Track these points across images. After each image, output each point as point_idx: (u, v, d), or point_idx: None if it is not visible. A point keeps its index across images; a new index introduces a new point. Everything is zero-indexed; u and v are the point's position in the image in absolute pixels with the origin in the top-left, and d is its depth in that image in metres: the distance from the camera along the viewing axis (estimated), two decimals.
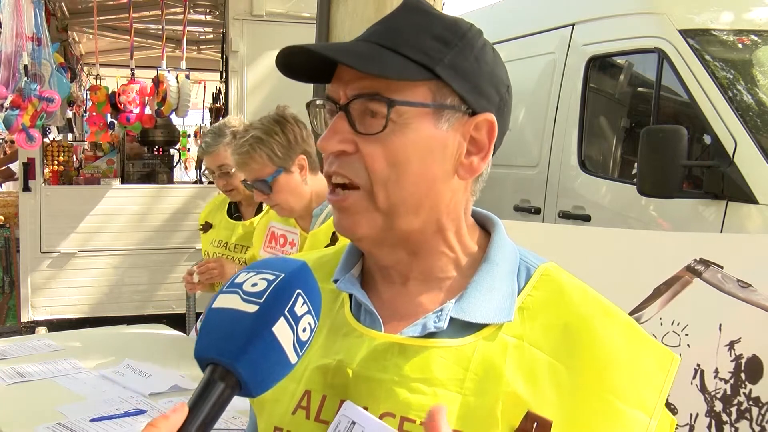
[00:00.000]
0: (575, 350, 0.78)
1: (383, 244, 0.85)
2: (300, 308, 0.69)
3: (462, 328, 0.81)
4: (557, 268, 0.87)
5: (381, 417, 0.79)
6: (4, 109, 4.71)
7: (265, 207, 2.81)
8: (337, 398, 0.82)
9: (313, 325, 0.72)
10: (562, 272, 0.87)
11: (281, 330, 0.68)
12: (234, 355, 0.66)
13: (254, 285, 0.69)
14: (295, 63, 0.83)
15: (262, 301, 0.68)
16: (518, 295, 0.84)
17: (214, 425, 0.66)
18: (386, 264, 0.87)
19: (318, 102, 0.87)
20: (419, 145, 0.81)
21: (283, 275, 0.70)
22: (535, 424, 0.75)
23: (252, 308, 0.67)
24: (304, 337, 0.70)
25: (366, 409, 0.80)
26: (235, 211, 2.98)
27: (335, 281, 0.90)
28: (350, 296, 0.89)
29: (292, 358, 0.69)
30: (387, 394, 0.79)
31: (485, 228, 0.92)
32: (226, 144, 2.71)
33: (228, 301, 0.69)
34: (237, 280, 0.71)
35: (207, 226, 3.04)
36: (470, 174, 0.85)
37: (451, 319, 0.81)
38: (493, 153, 0.88)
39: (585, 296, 0.83)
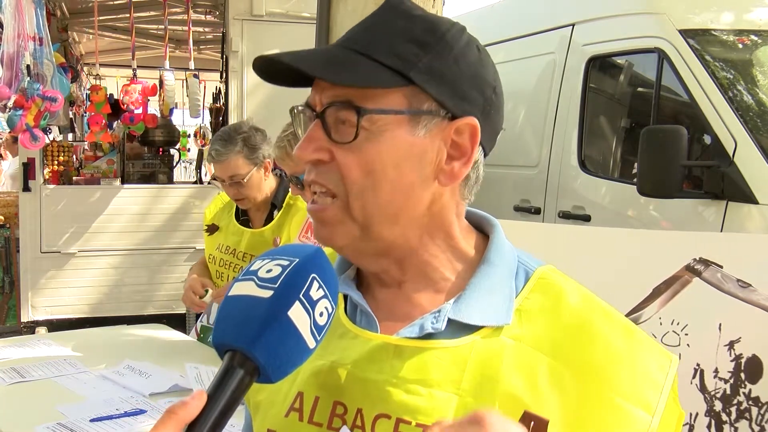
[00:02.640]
0: (575, 350, 0.78)
1: (364, 254, 0.84)
2: (316, 292, 0.70)
3: (459, 329, 0.81)
4: (555, 270, 0.87)
5: (376, 419, 0.78)
6: (7, 110, 4.72)
7: (275, 215, 2.74)
8: (331, 399, 0.81)
9: (330, 310, 0.72)
10: (559, 275, 0.86)
11: (297, 314, 0.68)
12: (251, 340, 0.66)
13: (269, 271, 0.70)
14: (274, 69, 0.81)
15: (276, 286, 0.69)
16: (516, 297, 0.83)
17: (233, 412, 0.66)
18: (375, 271, 0.86)
19: (299, 108, 0.86)
20: (394, 152, 0.79)
21: (297, 260, 0.71)
22: (532, 423, 0.75)
23: (267, 293, 0.68)
24: (321, 321, 0.71)
25: (360, 410, 0.79)
26: (242, 215, 2.84)
27: None
28: (345, 297, 0.89)
29: (310, 342, 0.70)
30: (382, 396, 0.78)
31: (482, 230, 0.90)
32: (237, 152, 2.59)
33: (243, 288, 0.70)
34: (252, 268, 0.72)
35: (213, 228, 2.91)
36: (451, 180, 0.82)
37: (449, 321, 0.80)
38: (486, 154, 0.86)
39: (583, 299, 0.83)
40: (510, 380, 0.77)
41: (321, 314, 0.70)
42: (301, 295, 0.69)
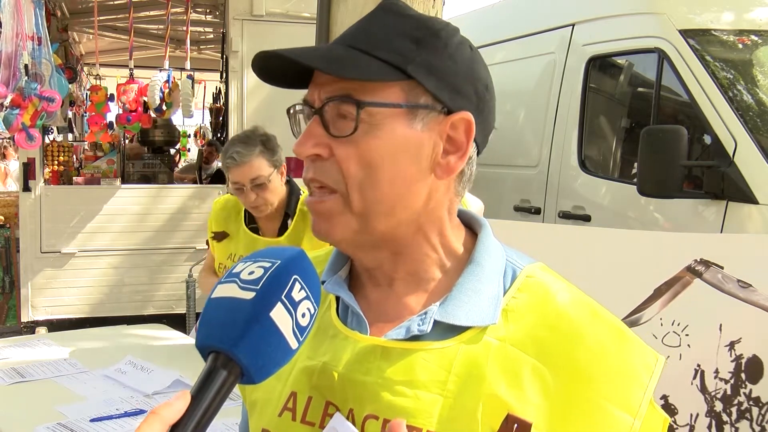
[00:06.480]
0: (560, 351, 0.78)
1: (362, 247, 0.85)
2: (297, 294, 0.71)
3: (446, 330, 0.81)
4: (543, 268, 0.87)
5: (365, 419, 0.79)
6: (4, 109, 4.72)
7: (290, 224, 2.64)
8: (323, 399, 0.82)
9: (312, 311, 0.72)
10: (547, 273, 0.86)
11: (279, 315, 0.69)
12: (233, 341, 0.67)
13: (251, 273, 0.71)
14: (273, 68, 0.83)
15: (258, 287, 0.69)
16: (503, 296, 0.83)
17: (216, 413, 0.67)
18: (369, 266, 0.87)
19: (297, 107, 0.87)
20: (392, 145, 0.80)
21: (279, 262, 0.71)
22: (516, 425, 0.75)
23: (249, 295, 0.69)
24: (303, 322, 0.71)
25: (351, 411, 0.80)
26: (251, 222, 2.72)
27: (323, 282, 0.89)
28: (337, 298, 0.89)
29: (293, 343, 0.70)
30: (371, 397, 0.79)
31: (472, 229, 0.91)
32: (259, 153, 2.51)
33: (226, 290, 0.70)
34: (235, 270, 0.72)
35: (222, 235, 2.77)
36: (447, 173, 0.84)
37: (436, 322, 0.81)
38: (479, 152, 0.87)
39: (570, 297, 0.83)
40: (494, 382, 0.77)
41: (303, 315, 0.71)
42: (283, 297, 0.69)
